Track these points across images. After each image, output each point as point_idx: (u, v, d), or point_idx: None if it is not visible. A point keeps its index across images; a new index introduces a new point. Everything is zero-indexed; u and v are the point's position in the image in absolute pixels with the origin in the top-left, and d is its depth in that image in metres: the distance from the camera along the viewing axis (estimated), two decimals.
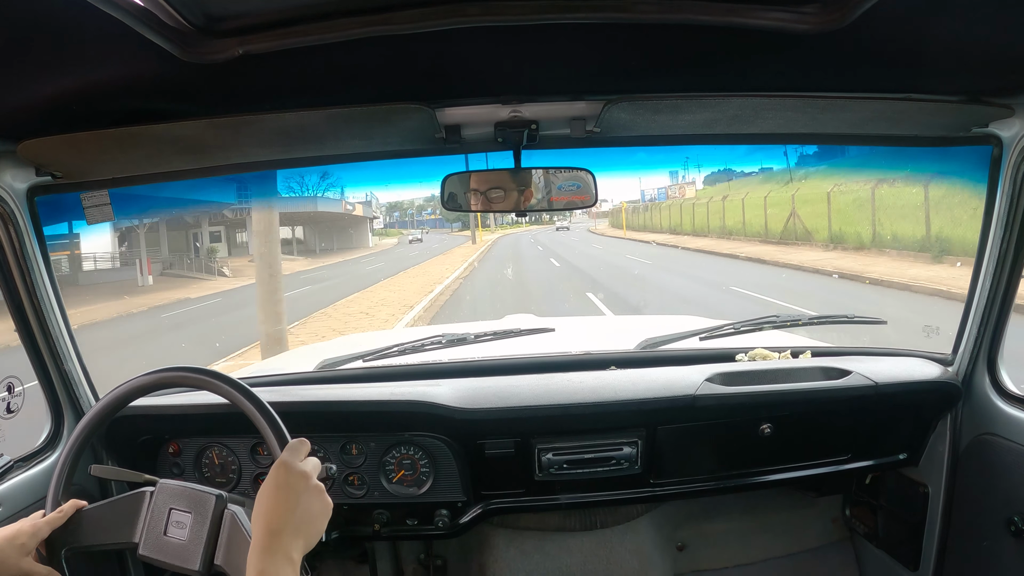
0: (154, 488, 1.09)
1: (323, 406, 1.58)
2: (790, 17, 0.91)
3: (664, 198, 21.31)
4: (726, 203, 16.49)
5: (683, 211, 19.35)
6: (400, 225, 25.83)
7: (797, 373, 1.66)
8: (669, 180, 20.76)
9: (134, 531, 1.07)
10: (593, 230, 26.35)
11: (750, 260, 12.90)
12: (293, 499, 0.92)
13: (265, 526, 0.89)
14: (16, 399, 1.38)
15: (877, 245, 10.97)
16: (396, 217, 25.40)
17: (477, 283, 13.32)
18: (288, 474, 0.94)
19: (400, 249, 23.87)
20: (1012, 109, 1.30)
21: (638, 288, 10.86)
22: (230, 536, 1.03)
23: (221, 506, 1.05)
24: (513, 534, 1.98)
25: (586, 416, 1.55)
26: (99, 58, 0.95)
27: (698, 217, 18.34)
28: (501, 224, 24.56)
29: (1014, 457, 1.48)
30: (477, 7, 0.88)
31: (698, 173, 18.48)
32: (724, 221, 16.50)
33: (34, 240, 1.37)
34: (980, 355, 1.58)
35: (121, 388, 1.15)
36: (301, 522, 0.91)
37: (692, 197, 19.43)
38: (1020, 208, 1.41)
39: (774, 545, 2.07)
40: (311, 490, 0.94)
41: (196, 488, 1.07)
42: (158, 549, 1.05)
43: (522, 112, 1.32)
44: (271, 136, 1.32)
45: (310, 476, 0.96)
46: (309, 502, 0.93)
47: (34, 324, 1.41)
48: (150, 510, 1.07)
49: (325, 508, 0.95)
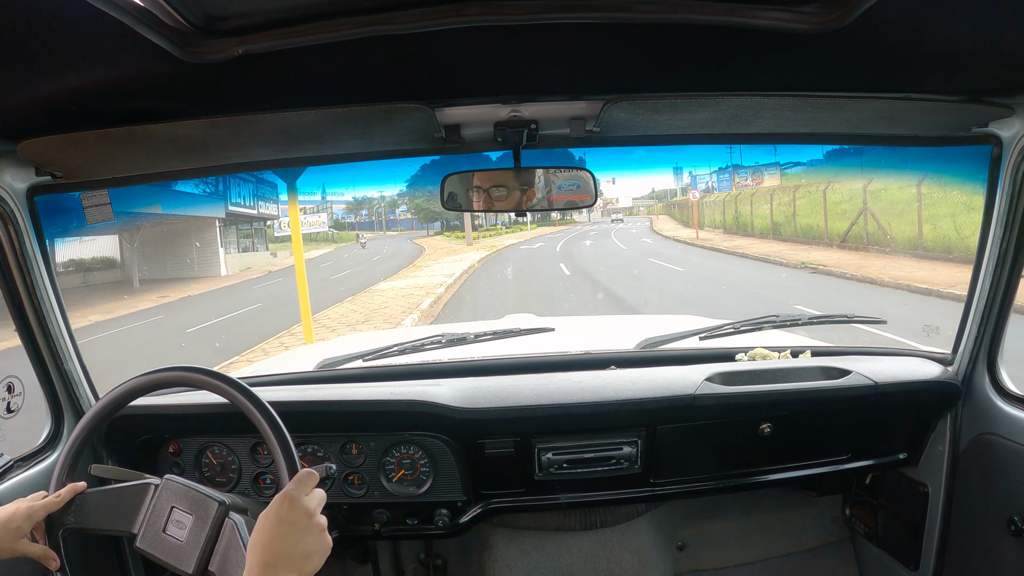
0: (160, 483, 1.09)
1: (323, 406, 1.58)
2: (790, 17, 0.91)
3: (727, 188, 16.49)
4: (797, 196, 13.05)
5: (754, 204, 15.03)
6: (364, 226, 20.26)
7: (797, 373, 1.66)
8: (733, 169, 15.98)
9: (134, 521, 1.07)
10: (658, 229, 19.03)
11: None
12: (294, 537, 0.90)
13: (261, 558, 0.88)
14: (16, 399, 1.39)
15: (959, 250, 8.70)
16: (364, 216, 20.36)
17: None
18: (292, 509, 0.92)
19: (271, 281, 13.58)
20: (1012, 109, 1.30)
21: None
22: (228, 545, 1.02)
23: (223, 513, 1.04)
24: (513, 534, 1.98)
25: (586, 416, 1.55)
26: (99, 58, 0.95)
27: (765, 213, 14.11)
28: (495, 225, 19.07)
29: (1014, 457, 1.48)
30: (477, 7, 0.88)
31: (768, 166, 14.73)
32: (796, 221, 12.88)
33: (34, 240, 1.37)
34: (980, 355, 1.58)
35: (121, 388, 1.15)
36: (298, 560, 0.89)
37: (772, 187, 14.67)
38: (1020, 208, 1.41)
39: (774, 545, 2.07)
40: (312, 528, 0.92)
41: (201, 491, 1.07)
42: (155, 545, 1.05)
43: (522, 112, 1.32)
44: (271, 136, 1.32)
45: (314, 513, 0.94)
46: (309, 541, 0.91)
47: (34, 324, 1.41)
48: (152, 504, 1.07)
49: (324, 548, 0.93)
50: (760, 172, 15.24)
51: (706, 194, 17.14)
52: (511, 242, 18.15)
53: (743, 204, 15.43)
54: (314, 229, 16.14)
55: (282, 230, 15.43)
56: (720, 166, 16.22)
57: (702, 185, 17.36)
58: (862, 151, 9.74)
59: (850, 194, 11.19)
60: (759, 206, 14.57)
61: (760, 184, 15.18)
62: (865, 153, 10.36)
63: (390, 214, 20.82)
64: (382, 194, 19.69)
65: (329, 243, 18.80)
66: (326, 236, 18.42)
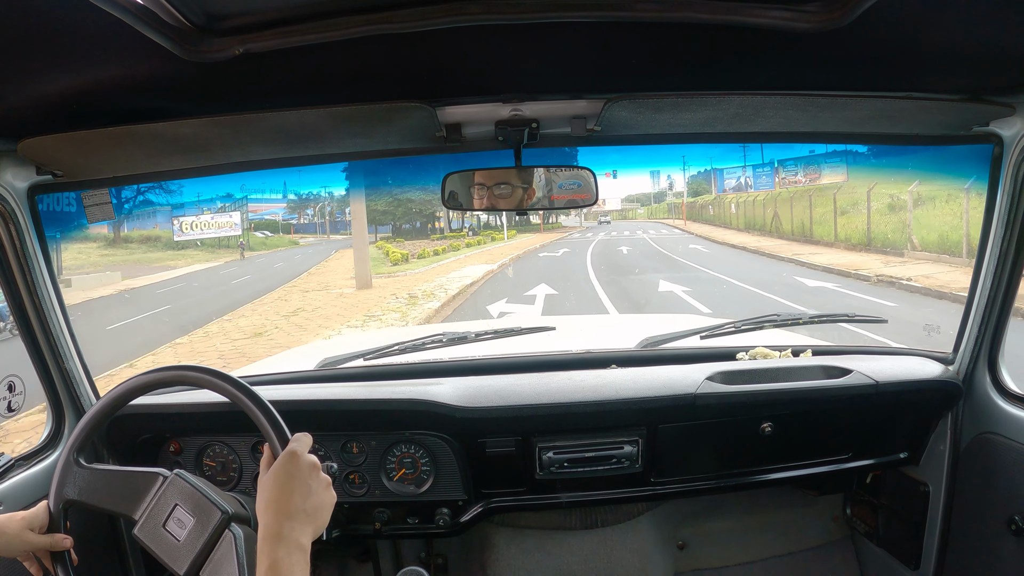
0: (169, 477, 1.08)
1: (324, 405, 1.58)
2: (791, 16, 0.91)
3: (767, 185, 13.88)
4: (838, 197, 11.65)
5: (795, 205, 12.94)
6: (306, 229, 16.91)
7: (798, 372, 1.66)
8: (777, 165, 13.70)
9: (136, 508, 1.07)
10: (703, 233, 15.61)
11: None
12: (304, 487, 0.92)
13: (276, 512, 0.89)
14: (17, 398, 1.39)
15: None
16: (310, 216, 17.08)
17: None
18: (299, 462, 0.95)
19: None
20: (1013, 108, 1.29)
21: None
22: (223, 556, 1.02)
23: (224, 523, 1.04)
24: (514, 533, 1.98)
25: (587, 415, 1.55)
26: (100, 57, 0.95)
27: (823, 217, 12.06)
28: (460, 230, 15.68)
29: (1015, 456, 1.48)
30: (478, 5, 0.88)
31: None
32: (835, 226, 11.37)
33: (35, 238, 1.37)
34: (981, 354, 1.58)
35: (122, 386, 1.15)
36: (312, 509, 0.92)
37: (834, 184, 12.21)
38: (1021, 207, 1.41)
39: (775, 544, 2.07)
40: (321, 480, 0.95)
41: (207, 495, 1.06)
42: (153, 537, 1.05)
43: (523, 111, 1.32)
44: (271, 135, 1.32)
45: (319, 467, 0.97)
46: (319, 493, 0.94)
47: (35, 322, 1.41)
48: (157, 496, 1.07)
49: (332, 500, 0.96)
50: (816, 167, 12.67)
51: (737, 192, 15.19)
52: (464, 276, 10.80)
53: (787, 204, 13.27)
54: (220, 233, 12.34)
55: (183, 233, 11.05)
56: (755, 163, 14.04)
57: (731, 181, 15.25)
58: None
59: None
60: (821, 208, 12.28)
61: (816, 180, 12.82)
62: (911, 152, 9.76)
63: (339, 214, 17.18)
64: (330, 192, 16.23)
65: (230, 252, 14.42)
66: (234, 241, 14.26)
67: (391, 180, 12.97)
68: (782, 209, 13.73)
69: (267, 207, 16.12)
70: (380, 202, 16.34)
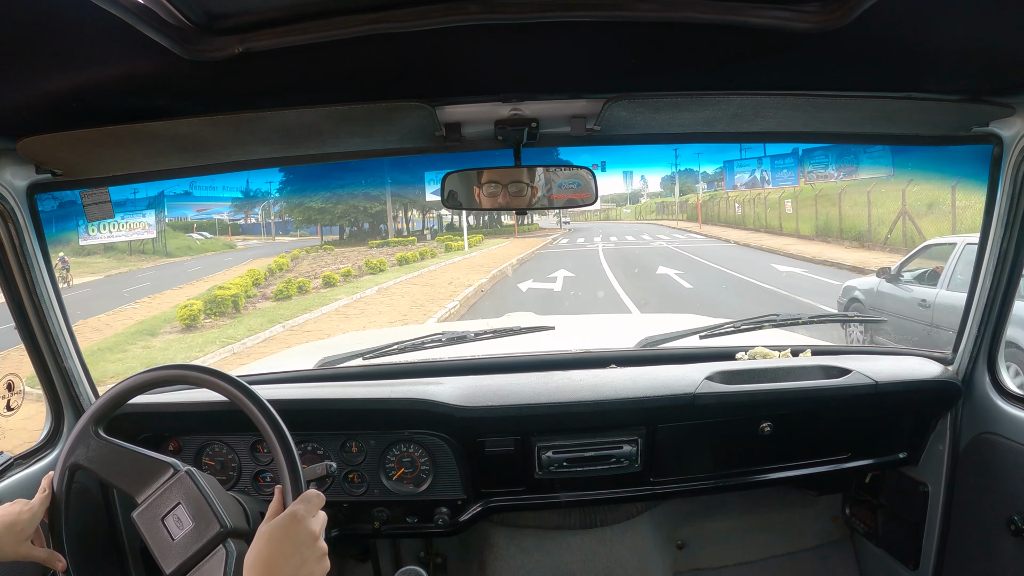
0: (180, 472, 1.08)
1: (323, 404, 1.58)
2: (791, 16, 0.91)
3: (789, 181, 12.16)
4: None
5: (820, 203, 11.58)
6: (252, 230, 15.14)
7: (797, 372, 1.66)
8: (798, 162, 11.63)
9: (142, 491, 1.07)
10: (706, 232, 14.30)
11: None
12: (297, 558, 0.89)
13: (262, 573, 0.87)
14: (17, 397, 1.39)
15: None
16: (258, 217, 15.22)
17: None
18: (299, 529, 0.91)
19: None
20: (1012, 108, 1.29)
21: None
22: (211, 570, 1.01)
23: (220, 539, 1.03)
24: (513, 532, 1.98)
25: (586, 414, 1.55)
26: (99, 55, 0.95)
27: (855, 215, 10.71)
28: (409, 237, 13.87)
29: (1014, 456, 1.48)
30: (477, 5, 0.88)
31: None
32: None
33: (34, 238, 1.37)
34: (980, 354, 1.58)
35: (121, 385, 1.15)
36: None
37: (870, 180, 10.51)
38: (1020, 207, 1.41)
39: (774, 544, 2.07)
40: (316, 551, 0.92)
41: (211, 503, 1.05)
42: (149, 526, 1.04)
43: (522, 110, 1.32)
44: (271, 134, 1.32)
45: (319, 537, 0.93)
46: (311, 565, 0.90)
47: (34, 321, 1.41)
48: (163, 487, 1.07)
49: (324, 571, 0.93)
50: (853, 163, 11.00)
51: (751, 188, 13.50)
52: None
53: (823, 202, 11.62)
54: (132, 236, 10.24)
55: (90, 236, 8.92)
56: (774, 154, 11.88)
57: (744, 177, 13.44)
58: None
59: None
60: (851, 206, 10.93)
61: (853, 176, 11.20)
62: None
63: (279, 219, 15.39)
64: (279, 190, 14.60)
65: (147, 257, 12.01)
66: (153, 246, 12.08)
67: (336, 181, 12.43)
68: (831, 208, 11.75)
69: (214, 205, 14.15)
70: (317, 199, 14.53)
